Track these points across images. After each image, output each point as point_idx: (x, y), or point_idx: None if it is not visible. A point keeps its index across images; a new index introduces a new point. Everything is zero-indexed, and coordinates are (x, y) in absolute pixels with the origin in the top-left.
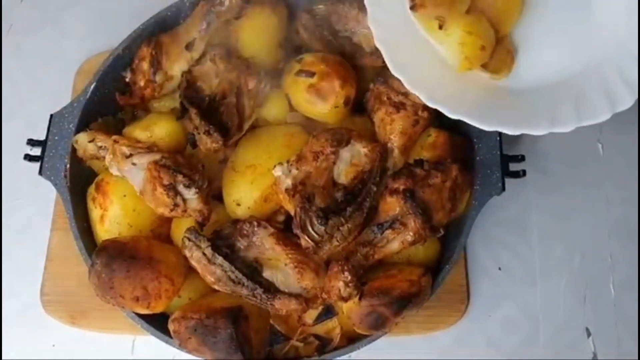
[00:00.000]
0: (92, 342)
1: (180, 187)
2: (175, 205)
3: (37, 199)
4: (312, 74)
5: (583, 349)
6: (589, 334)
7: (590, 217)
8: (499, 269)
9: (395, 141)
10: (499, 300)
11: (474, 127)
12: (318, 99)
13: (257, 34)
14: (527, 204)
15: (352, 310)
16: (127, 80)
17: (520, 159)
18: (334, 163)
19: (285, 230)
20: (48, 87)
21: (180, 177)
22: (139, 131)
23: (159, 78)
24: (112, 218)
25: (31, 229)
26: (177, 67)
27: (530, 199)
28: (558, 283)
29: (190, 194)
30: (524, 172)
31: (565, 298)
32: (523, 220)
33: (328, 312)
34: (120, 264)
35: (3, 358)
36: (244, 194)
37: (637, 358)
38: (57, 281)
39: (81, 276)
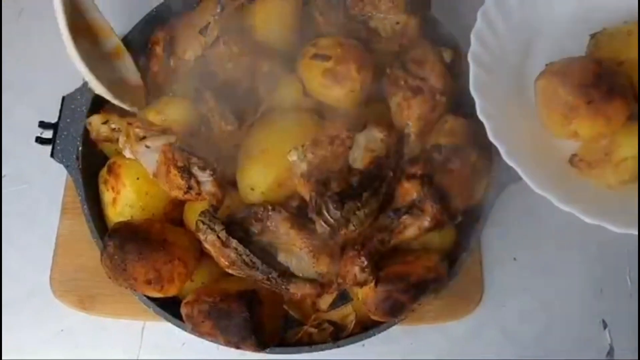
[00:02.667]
0: (101, 327)
1: (195, 170)
2: (189, 187)
3: (47, 184)
4: (328, 58)
5: (599, 340)
6: (605, 326)
7: None
8: (514, 259)
9: (412, 126)
10: (513, 291)
11: None
12: (334, 83)
13: (271, 18)
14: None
15: (368, 296)
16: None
17: None
18: (350, 148)
19: (299, 215)
20: (59, 70)
21: (194, 159)
22: (153, 114)
23: (172, 62)
24: (124, 201)
25: (40, 214)
26: (190, 51)
27: None
28: (574, 274)
29: (205, 177)
30: None
31: (581, 289)
32: (538, 211)
33: (342, 298)
34: (133, 246)
35: (11, 343)
36: (257, 179)
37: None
38: (66, 266)
39: (90, 261)
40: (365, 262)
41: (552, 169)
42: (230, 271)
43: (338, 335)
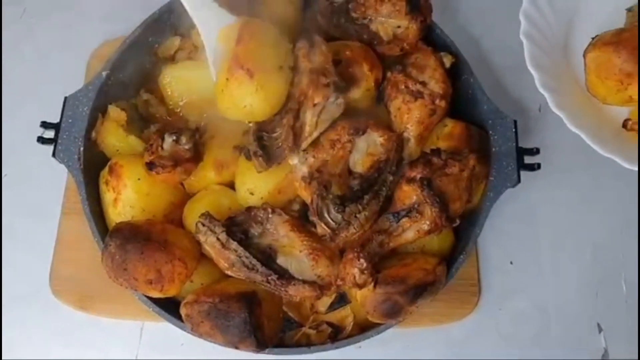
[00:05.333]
0: (100, 327)
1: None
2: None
3: (48, 183)
4: (338, 62)
5: (594, 344)
6: (600, 329)
7: (602, 212)
8: (511, 262)
9: (411, 130)
10: (510, 294)
11: (490, 118)
12: (349, 85)
13: (273, 23)
14: (540, 198)
15: (366, 297)
16: None
17: (535, 151)
18: (350, 152)
19: (298, 218)
20: (61, 71)
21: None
22: None
23: None
24: (125, 201)
25: (41, 213)
26: None
27: (542, 193)
28: (570, 278)
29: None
30: (538, 166)
31: (576, 293)
32: (535, 215)
33: (341, 300)
34: (134, 245)
35: (11, 342)
36: (258, 184)
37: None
38: (66, 266)
39: (91, 261)
40: (365, 264)
41: (607, 134)
42: (229, 273)
43: (336, 336)
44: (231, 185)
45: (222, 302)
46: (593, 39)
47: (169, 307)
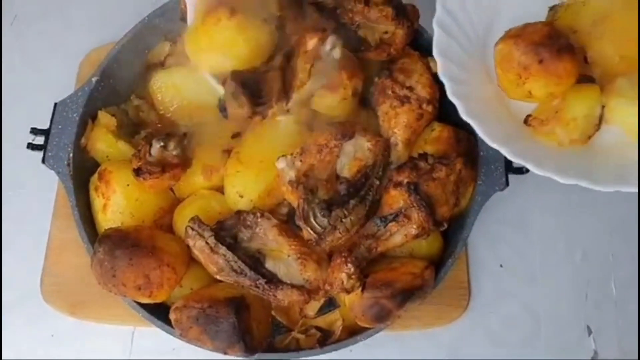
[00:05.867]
0: (91, 332)
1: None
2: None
3: (38, 189)
4: None
5: (584, 346)
6: (590, 332)
7: (592, 215)
8: (501, 265)
9: (399, 135)
10: (500, 297)
11: None
12: (326, 91)
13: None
14: (529, 201)
15: (354, 302)
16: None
17: None
18: (338, 156)
19: (288, 222)
20: (51, 77)
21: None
22: None
23: None
24: (114, 207)
25: (32, 219)
26: None
27: (531, 196)
28: (559, 280)
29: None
30: (527, 169)
31: (566, 296)
32: (525, 218)
33: (330, 304)
34: (123, 252)
35: (2, 347)
36: (248, 186)
37: (637, 357)
38: (57, 271)
39: (81, 266)
40: (352, 269)
41: (508, 128)
42: (218, 277)
43: (325, 341)
44: (220, 190)
45: (211, 307)
46: (506, 32)
47: (159, 312)
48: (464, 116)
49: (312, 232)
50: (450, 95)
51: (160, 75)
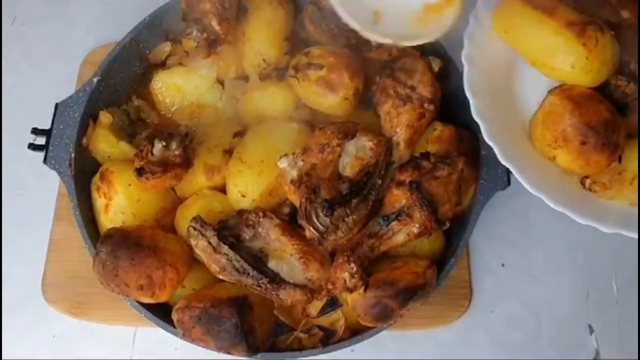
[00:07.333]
0: (93, 333)
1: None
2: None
3: (40, 190)
4: (321, 67)
5: (585, 345)
6: (591, 331)
7: None
8: (502, 265)
9: (401, 134)
10: (502, 297)
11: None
12: (328, 91)
13: (263, 27)
14: (531, 201)
15: (357, 301)
16: (193, 34)
17: None
18: (340, 156)
19: (290, 222)
20: (52, 78)
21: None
22: None
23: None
24: (116, 207)
25: (33, 220)
26: None
27: (533, 196)
28: (561, 280)
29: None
30: None
31: (568, 295)
32: (526, 217)
33: (332, 303)
34: (125, 252)
35: (3, 348)
36: (250, 186)
37: (638, 357)
38: (58, 272)
39: (83, 267)
40: (355, 268)
41: (548, 176)
42: (221, 277)
43: (328, 340)
44: (222, 190)
45: (214, 307)
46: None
47: (161, 312)
48: (503, 160)
49: (314, 231)
50: (487, 138)
51: (161, 76)
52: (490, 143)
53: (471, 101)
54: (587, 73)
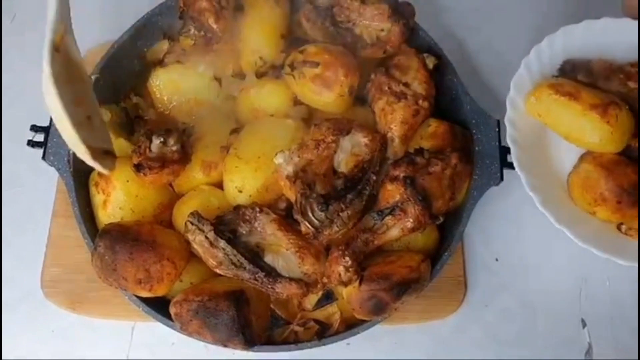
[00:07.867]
0: (92, 328)
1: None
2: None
3: (39, 187)
4: (316, 64)
5: (578, 339)
6: (584, 325)
7: None
8: (496, 259)
9: (395, 131)
10: (496, 291)
11: (473, 118)
12: (323, 88)
13: (259, 25)
14: (524, 196)
15: (352, 295)
16: (190, 32)
17: None
18: (335, 152)
19: (286, 217)
20: None
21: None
22: None
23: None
24: (114, 203)
25: (32, 216)
26: None
27: (526, 192)
28: (554, 274)
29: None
30: None
31: (561, 289)
32: (520, 212)
33: (328, 297)
34: (123, 246)
35: (3, 344)
36: (247, 182)
37: (638, 357)
38: (57, 268)
39: (81, 263)
40: (350, 262)
41: (592, 227)
42: (218, 271)
43: (323, 333)
44: (219, 186)
45: (211, 301)
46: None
47: (159, 306)
48: (556, 225)
49: (310, 226)
50: (541, 208)
51: (159, 73)
52: (531, 193)
53: (524, 179)
54: (612, 143)
